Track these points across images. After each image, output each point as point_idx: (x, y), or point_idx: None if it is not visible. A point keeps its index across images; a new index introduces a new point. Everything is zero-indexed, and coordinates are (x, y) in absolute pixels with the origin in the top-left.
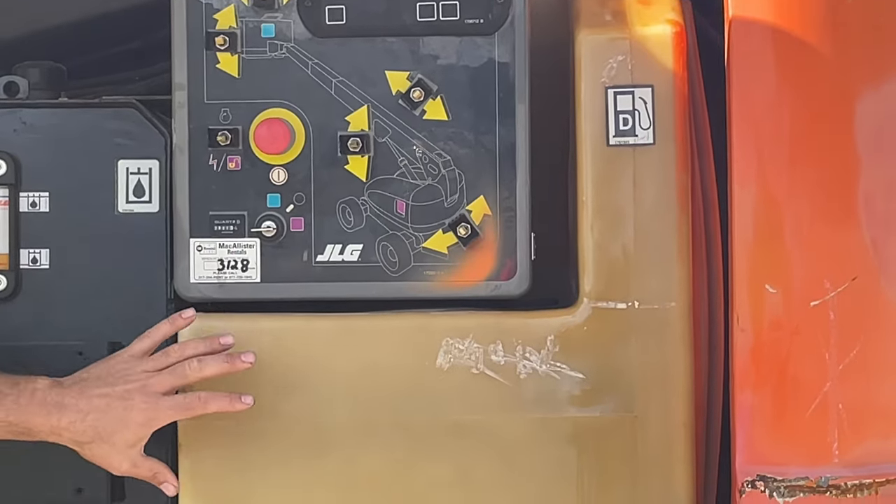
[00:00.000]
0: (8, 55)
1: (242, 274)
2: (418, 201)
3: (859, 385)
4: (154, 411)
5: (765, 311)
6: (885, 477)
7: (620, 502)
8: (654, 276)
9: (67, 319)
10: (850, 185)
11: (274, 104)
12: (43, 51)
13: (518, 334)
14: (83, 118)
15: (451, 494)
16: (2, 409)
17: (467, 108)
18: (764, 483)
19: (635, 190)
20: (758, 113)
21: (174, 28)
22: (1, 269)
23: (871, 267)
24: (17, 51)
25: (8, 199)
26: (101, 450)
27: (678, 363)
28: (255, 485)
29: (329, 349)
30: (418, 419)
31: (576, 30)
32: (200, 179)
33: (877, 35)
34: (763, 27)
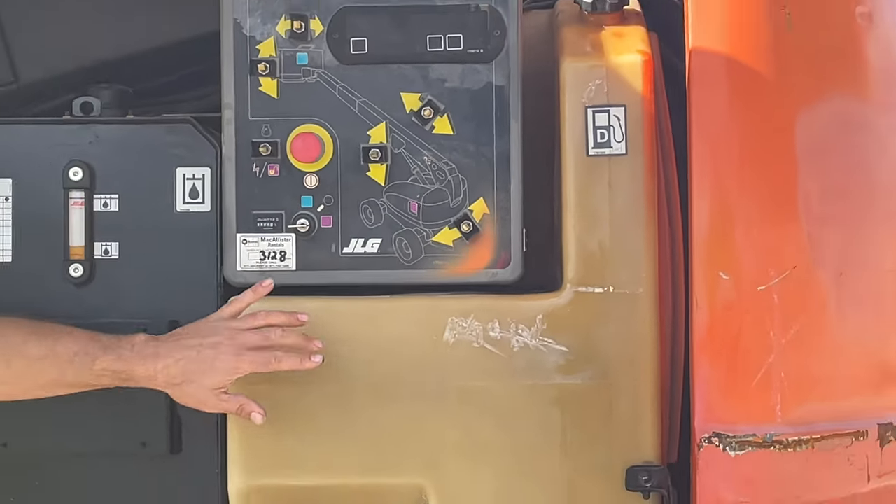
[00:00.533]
0: (83, 78)
1: (280, 263)
2: (428, 202)
3: (798, 357)
4: (238, 361)
5: (719, 294)
6: (819, 434)
7: (597, 455)
8: (626, 266)
9: (133, 301)
10: (791, 189)
11: (307, 121)
12: (112, 74)
13: (512, 314)
14: (147, 132)
15: (455, 447)
16: (108, 360)
17: (469, 124)
18: (718, 439)
19: (610, 193)
20: (713, 128)
21: (223, 57)
22: (78, 259)
23: (807, 258)
24: (91, 74)
25: (84, 200)
26: (191, 389)
27: (646, 339)
28: (292, 439)
29: (354, 326)
30: (428, 384)
31: (560, 58)
32: (245, 184)
33: (812, 62)
34: (717, 56)
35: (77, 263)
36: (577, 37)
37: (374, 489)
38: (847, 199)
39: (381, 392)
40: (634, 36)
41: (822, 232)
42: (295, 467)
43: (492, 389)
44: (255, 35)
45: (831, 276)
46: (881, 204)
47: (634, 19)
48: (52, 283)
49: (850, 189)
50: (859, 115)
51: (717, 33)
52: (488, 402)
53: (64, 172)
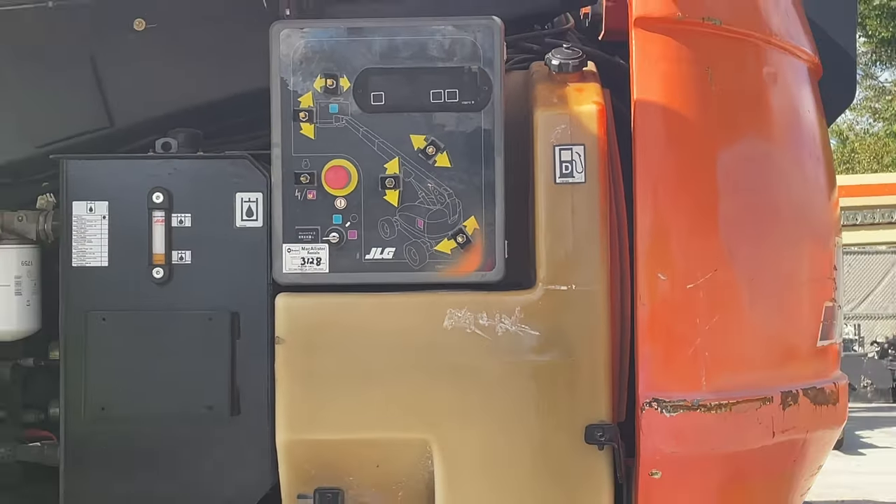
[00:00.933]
0: (164, 123)
1: (317, 267)
2: (431, 219)
3: (719, 340)
4: None
5: (657, 291)
6: (735, 399)
7: (563, 416)
8: (585, 268)
9: (202, 297)
10: (713, 210)
11: (337, 156)
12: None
13: (496, 306)
14: (213, 165)
15: (452, 410)
16: None
17: (463, 159)
18: (657, 403)
19: (573, 213)
20: (652, 161)
21: (272, 107)
22: (160, 263)
23: (726, 264)
24: (170, 120)
25: (164, 218)
26: None
27: (601, 325)
28: (325, 402)
29: (374, 316)
30: (432, 362)
31: (534, 108)
32: (289, 205)
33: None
34: (655, 105)
35: (158, 267)
36: (546, 91)
37: (389, 442)
38: (756, 218)
39: (394, 366)
40: (591, 91)
41: (737, 244)
42: (327, 424)
43: (481, 365)
44: (296, 90)
45: (744, 278)
46: (782, 223)
47: (591, 78)
48: (138, 282)
49: (758, 211)
50: (765, 151)
51: (655, 88)
52: (478, 375)
53: (148, 196)
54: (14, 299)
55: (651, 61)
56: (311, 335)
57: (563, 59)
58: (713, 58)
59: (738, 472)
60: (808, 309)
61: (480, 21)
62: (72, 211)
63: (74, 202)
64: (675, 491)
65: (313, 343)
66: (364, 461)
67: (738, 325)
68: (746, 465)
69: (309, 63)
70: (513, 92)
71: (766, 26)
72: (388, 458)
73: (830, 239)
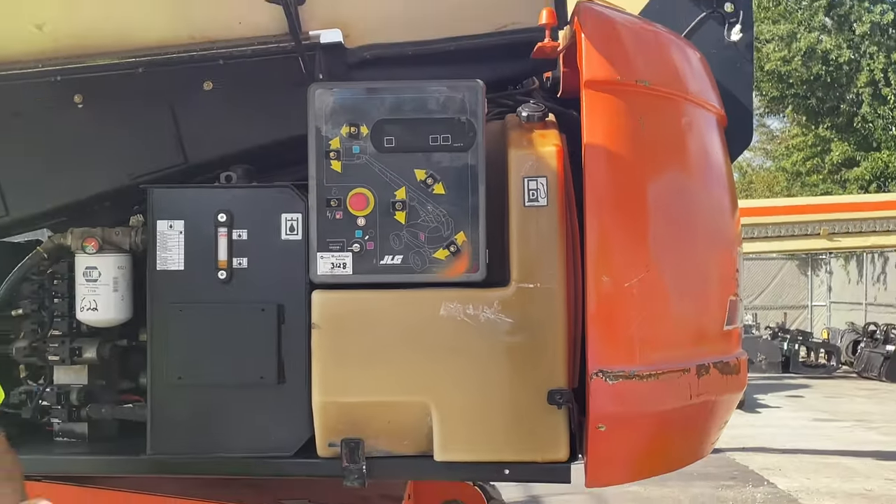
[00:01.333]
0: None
1: (343, 270)
2: (430, 234)
3: (649, 326)
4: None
5: (602, 289)
6: (661, 371)
7: (531, 383)
8: (547, 271)
9: (255, 293)
10: (644, 226)
11: (359, 186)
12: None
13: (480, 300)
14: (264, 193)
15: (446, 379)
16: None
17: (455, 188)
18: (602, 374)
19: (538, 229)
20: (598, 189)
21: (310, 148)
22: (223, 267)
23: (654, 267)
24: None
25: (226, 233)
26: None
27: (559, 315)
28: (349, 373)
29: (386, 307)
30: (430, 342)
31: (508, 149)
32: (322, 223)
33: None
34: (601, 147)
35: (222, 270)
36: (518, 136)
37: (397, 403)
38: (676, 232)
39: (401, 346)
40: (551, 136)
41: (662, 252)
42: (351, 390)
43: (468, 345)
44: (327, 135)
45: (668, 277)
46: (697, 235)
47: (551, 126)
48: (207, 282)
49: (678, 226)
50: (684, 182)
51: (600, 134)
52: (466, 352)
53: (215, 216)
54: (112, 295)
55: (597, 113)
56: (338, 322)
57: (530, 112)
58: (644, 110)
59: (664, 425)
60: (717, 301)
61: (467, 83)
62: (156, 227)
63: (158, 220)
64: (616, 440)
65: (340, 328)
66: (379, 418)
67: (663, 314)
68: (670, 420)
69: (337, 115)
70: (492, 137)
71: (684, 86)
72: (397, 415)
73: (734, 248)
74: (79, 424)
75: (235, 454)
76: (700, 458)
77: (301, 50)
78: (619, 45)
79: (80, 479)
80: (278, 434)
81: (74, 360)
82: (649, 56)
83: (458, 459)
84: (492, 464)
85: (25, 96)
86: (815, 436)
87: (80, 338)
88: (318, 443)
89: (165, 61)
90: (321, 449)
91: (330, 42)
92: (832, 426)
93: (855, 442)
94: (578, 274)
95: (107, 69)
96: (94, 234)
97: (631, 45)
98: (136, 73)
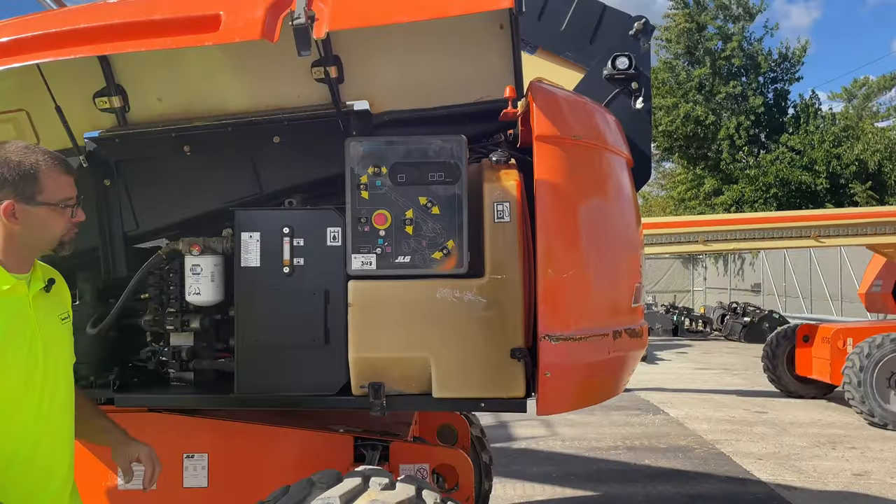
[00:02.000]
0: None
1: (370, 267)
2: (430, 242)
3: (579, 304)
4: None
5: (549, 280)
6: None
7: (498, 343)
8: (509, 267)
9: (309, 282)
10: (577, 236)
11: (380, 208)
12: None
13: (464, 286)
14: (315, 213)
15: (441, 340)
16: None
17: (447, 209)
18: (548, 337)
19: (504, 238)
20: (545, 211)
21: (346, 182)
22: (287, 265)
23: (584, 263)
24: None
25: (289, 241)
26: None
27: (518, 297)
28: (373, 334)
29: (400, 292)
30: (430, 315)
31: (484, 182)
32: (355, 234)
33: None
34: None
35: (286, 267)
36: (490, 174)
37: (407, 358)
38: (599, 239)
39: (410, 318)
40: (513, 174)
41: (590, 252)
42: (375, 349)
43: (457, 316)
44: (358, 173)
45: (593, 271)
46: (613, 241)
47: (513, 167)
48: (275, 275)
49: (600, 235)
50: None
51: (546, 173)
52: (455, 322)
53: (280, 229)
54: (210, 284)
55: (544, 158)
56: (367, 301)
57: (499, 157)
58: (576, 157)
59: (590, 372)
60: (627, 287)
61: (454, 138)
62: (241, 237)
63: (242, 232)
64: (558, 382)
65: (368, 306)
66: (394, 368)
67: (590, 296)
68: (594, 368)
69: (365, 160)
70: (472, 175)
71: (603, 139)
72: (407, 366)
73: (638, 250)
74: (187, 373)
75: (295, 393)
76: (616, 394)
77: (340, 115)
78: (560, 110)
79: (189, 412)
80: (325, 379)
81: (184, 328)
82: (580, 118)
83: (449, 396)
84: (472, 399)
85: (153, 146)
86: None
87: (188, 313)
88: (353, 385)
89: (247, 122)
90: (354, 389)
91: (360, 109)
92: (707, 373)
93: (722, 384)
94: (531, 269)
95: (206, 128)
96: (198, 241)
97: (567, 111)
98: (226, 130)
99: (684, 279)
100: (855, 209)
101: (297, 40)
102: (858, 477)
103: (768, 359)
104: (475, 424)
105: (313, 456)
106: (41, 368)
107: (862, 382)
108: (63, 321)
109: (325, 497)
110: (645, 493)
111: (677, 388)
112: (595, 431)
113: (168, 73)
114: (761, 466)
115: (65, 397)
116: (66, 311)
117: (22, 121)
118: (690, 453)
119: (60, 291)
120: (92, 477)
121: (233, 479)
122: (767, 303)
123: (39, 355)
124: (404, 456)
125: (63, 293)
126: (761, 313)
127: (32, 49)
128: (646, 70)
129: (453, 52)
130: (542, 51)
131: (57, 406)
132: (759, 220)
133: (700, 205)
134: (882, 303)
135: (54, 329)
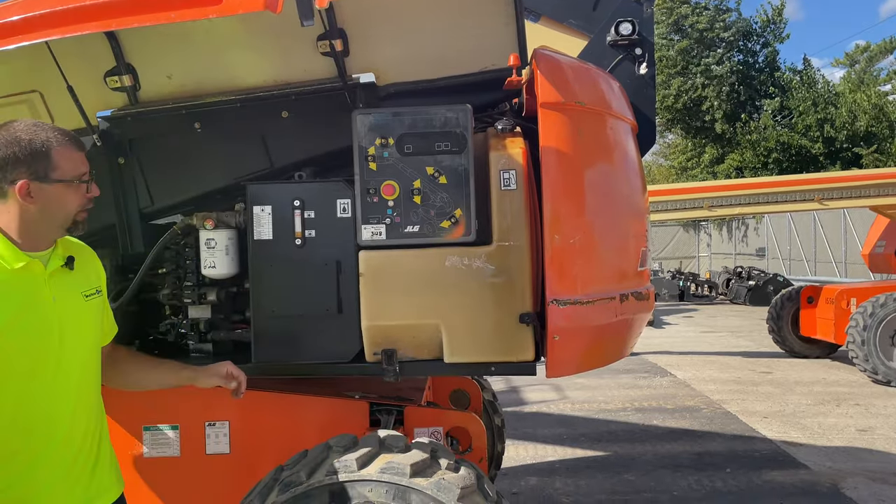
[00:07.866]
0: (301, 164)
1: (379, 237)
2: (438, 211)
3: (586, 269)
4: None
5: (555, 245)
6: (595, 299)
7: (507, 309)
8: (517, 234)
9: (321, 253)
10: (582, 201)
11: (388, 179)
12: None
13: (472, 254)
14: (325, 185)
15: (452, 306)
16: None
17: (453, 179)
18: (555, 301)
19: (511, 205)
20: (551, 177)
21: (355, 154)
22: (299, 237)
23: (590, 229)
24: (304, 163)
25: (301, 213)
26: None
27: (526, 263)
28: (384, 302)
29: (410, 260)
30: (440, 282)
31: (490, 151)
32: (364, 205)
33: (589, 150)
34: (552, 148)
35: (298, 239)
36: (496, 142)
37: (418, 325)
38: (606, 205)
39: (420, 286)
40: (518, 142)
41: (596, 218)
42: (387, 316)
43: (466, 283)
44: (366, 146)
45: (599, 236)
46: (620, 207)
47: (518, 135)
48: (286, 248)
49: (607, 201)
50: (610, 171)
51: (551, 140)
52: (465, 289)
53: (291, 202)
54: (225, 257)
55: (549, 125)
56: (378, 271)
57: (504, 126)
58: (581, 122)
59: (598, 334)
60: (633, 251)
61: (460, 107)
62: (253, 211)
63: (254, 206)
64: (566, 345)
65: (379, 275)
66: (406, 334)
67: (597, 260)
68: (602, 332)
69: (372, 131)
70: (478, 143)
71: (608, 105)
72: (418, 332)
73: (644, 216)
74: (206, 344)
75: (310, 361)
76: (623, 357)
77: (347, 88)
78: (564, 77)
79: None
80: (339, 347)
81: (201, 301)
82: (584, 85)
83: (460, 361)
84: (483, 364)
85: (164, 124)
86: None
87: (204, 286)
88: (366, 352)
89: (256, 98)
90: (368, 356)
91: (366, 81)
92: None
93: (728, 346)
94: (538, 235)
95: (216, 105)
96: (212, 216)
97: (571, 78)
98: (236, 106)
99: (690, 245)
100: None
101: (299, 9)
102: (862, 433)
103: (773, 320)
104: (487, 389)
105: (330, 422)
106: (56, 345)
107: (865, 341)
108: (88, 298)
109: (343, 460)
110: (654, 452)
111: (684, 351)
112: (604, 394)
113: (177, 50)
114: (767, 424)
115: (84, 371)
116: (93, 287)
117: (36, 101)
118: (698, 413)
119: (86, 268)
120: (118, 446)
121: (253, 445)
122: (772, 266)
123: (55, 332)
124: (418, 420)
125: (89, 270)
126: (766, 277)
127: (40, 27)
128: (649, 35)
129: (457, 22)
130: (545, 19)
131: (73, 380)
132: (764, 184)
133: (702, 172)
134: (885, 263)
135: (74, 306)
